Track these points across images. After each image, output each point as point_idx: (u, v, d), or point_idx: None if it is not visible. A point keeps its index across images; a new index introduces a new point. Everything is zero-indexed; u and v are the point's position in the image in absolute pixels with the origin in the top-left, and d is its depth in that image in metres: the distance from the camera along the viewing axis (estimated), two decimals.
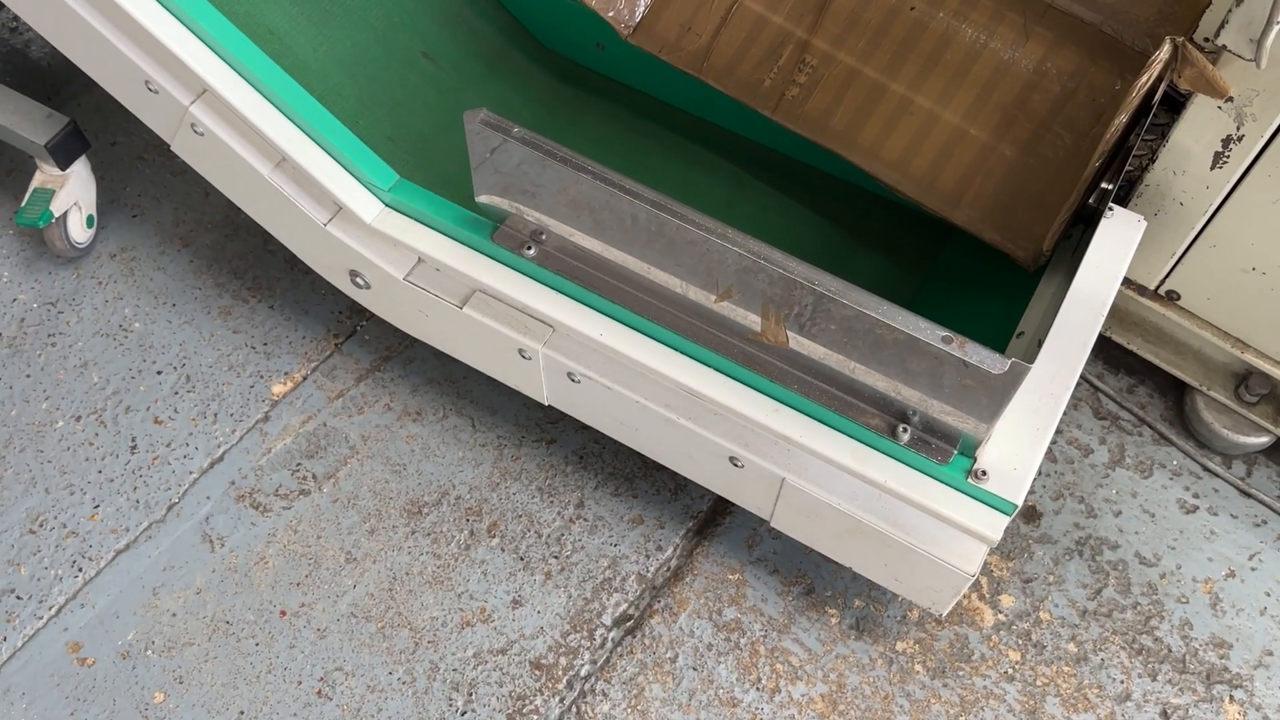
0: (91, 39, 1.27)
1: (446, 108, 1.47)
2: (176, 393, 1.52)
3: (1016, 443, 1.09)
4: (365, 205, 1.28)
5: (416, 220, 1.27)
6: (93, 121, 1.73)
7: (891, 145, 1.28)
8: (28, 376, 1.52)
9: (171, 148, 1.33)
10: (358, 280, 1.36)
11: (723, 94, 1.35)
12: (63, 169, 1.52)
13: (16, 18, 1.77)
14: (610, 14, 1.36)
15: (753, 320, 1.08)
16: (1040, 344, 1.11)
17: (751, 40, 1.34)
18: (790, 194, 1.45)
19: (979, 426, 1.02)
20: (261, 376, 1.54)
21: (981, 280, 1.32)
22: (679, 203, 1.05)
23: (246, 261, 1.64)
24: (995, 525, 1.06)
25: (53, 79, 1.79)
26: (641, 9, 1.38)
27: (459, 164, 1.44)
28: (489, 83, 1.52)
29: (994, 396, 0.97)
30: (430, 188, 1.26)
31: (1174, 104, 1.24)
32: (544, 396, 1.33)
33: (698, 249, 1.05)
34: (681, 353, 1.17)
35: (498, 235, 1.21)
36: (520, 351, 1.27)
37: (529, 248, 1.20)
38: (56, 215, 1.53)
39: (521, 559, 1.40)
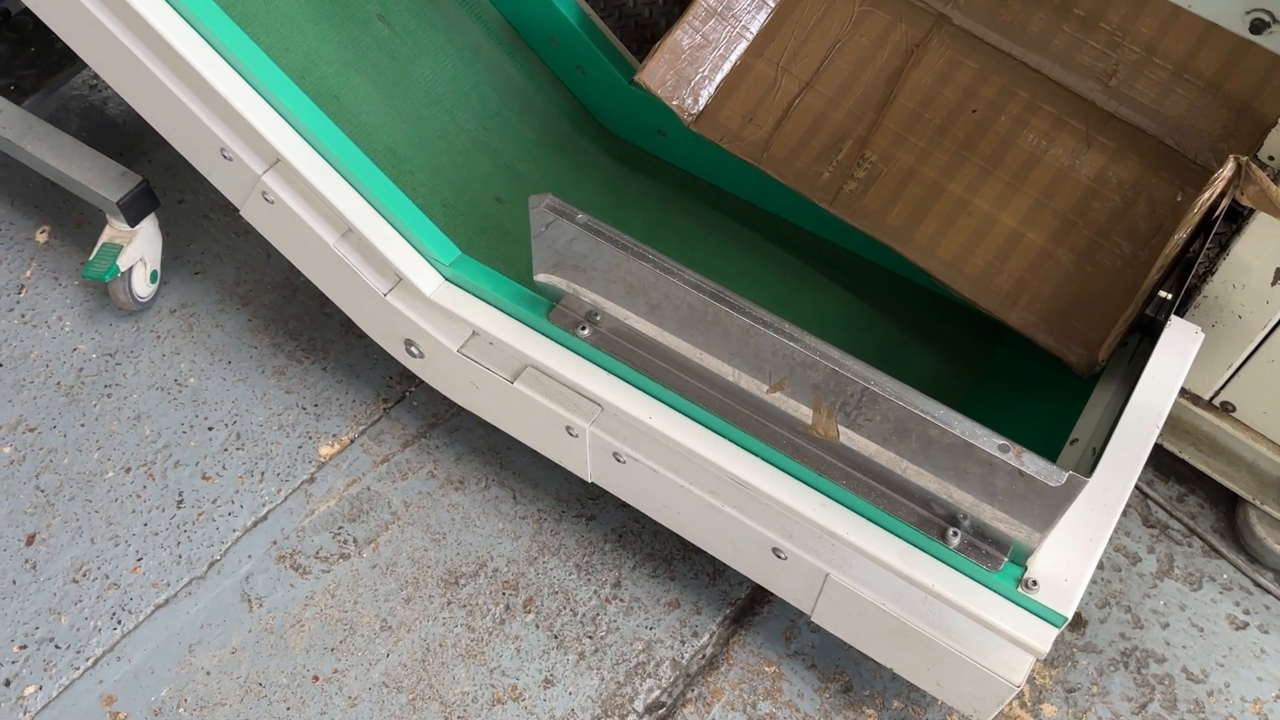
0: (170, 104, 1.31)
1: (507, 182, 1.50)
2: (226, 450, 1.53)
3: (1068, 552, 1.07)
4: (426, 278, 1.30)
5: (474, 295, 1.29)
6: (162, 179, 1.78)
7: (948, 244, 1.28)
8: (82, 426, 1.55)
9: (241, 213, 1.37)
10: (412, 349, 1.37)
11: (781, 184, 1.37)
12: (132, 225, 1.56)
13: (97, 76, 1.83)
14: (674, 102, 1.39)
15: (804, 413, 1.08)
16: (1095, 453, 1.10)
17: (812, 134, 1.36)
18: (845, 286, 1.46)
19: (1032, 536, 1.01)
20: (310, 437, 1.56)
21: (1034, 382, 1.32)
22: (735, 294, 1.06)
23: (303, 323, 1.66)
24: (1044, 637, 1.04)
25: (127, 135, 1.85)
26: (705, 98, 1.40)
27: (514, 236, 1.47)
28: (552, 161, 1.55)
29: (1049, 507, 0.96)
30: (487, 259, 1.28)
31: (1235, 215, 1.24)
32: (588, 474, 1.33)
33: (752, 339, 1.06)
34: (730, 440, 1.17)
35: (553, 314, 1.23)
36: (568, 429, 1.27)
37: (583, 328, 1.21)
38: (122, 270, 1.57)
39: (555, 637, 1.39)
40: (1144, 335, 1.23)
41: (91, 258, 1.56)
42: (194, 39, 1.26)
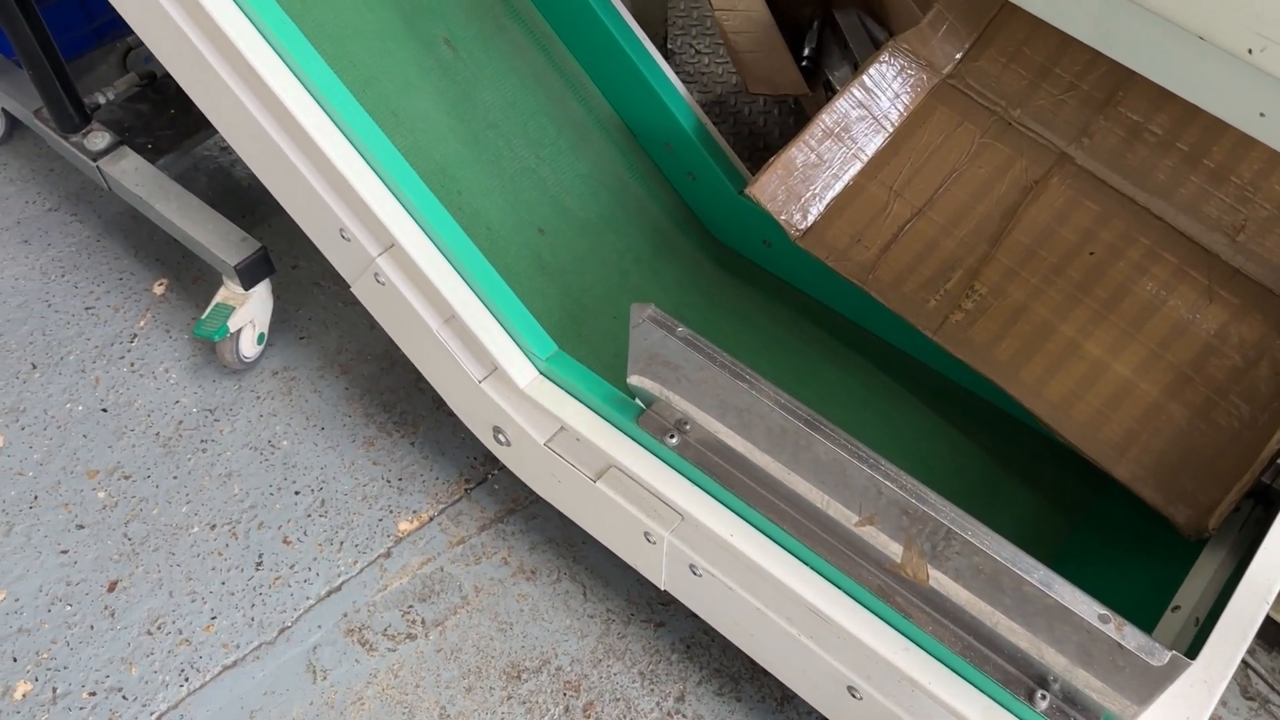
0: (296, 182, 1.36)
1: (552, 214, 1.51)
2: (309, 515, 1.55)
3: None
4: (521, 370, 1.31)
5: (566, 391, 1.30)
6: (278, 243, 1.84)
7: (1055, 386, 1.25)
8: (175, 478, 1.58)
9: (352, 289, 1.40)
10: (500, 437, 1.38)
11: (885, 307, 1.35)
12: (246, 289, 1.61)
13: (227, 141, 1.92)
14: (782, 216, 1.39)
15: (894, 550, 1.05)
16: (1198, 622, 1.04)
17: (921, 260, 1.35)
18: (944, 414, 1.42)
19: (1127, 709, 0.96)
20: (391, 511, 1.57)
21: (1137, 538, 1.26)
22: (831, 423, 1.04)
23: (396, 396, 1.69)
24: None
25: (250, 199, 1.92)
26: (814, 215, 1.40)
27: (551, 269, 1.48)
28: (654, 261, 1.56)
29: (1148, 684, 0.91)
30: (523, 289, 1.26)
31: None
32: (662, 581, 1.31)
33: (846, 469, 1.03)
34: (812, 569, 1.14)
35: (643, 419, 1.22)
36: (646, 534, 1.26)
37: (672, 436, 1.20)
38: (231, 330, 1.62)
39: None
40: (1258, 502, 1.17)
41: (204, 316, 1.62)
42: (320, 116, 1.31)
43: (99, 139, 1.68)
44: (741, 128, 1.83)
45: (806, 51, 1.85)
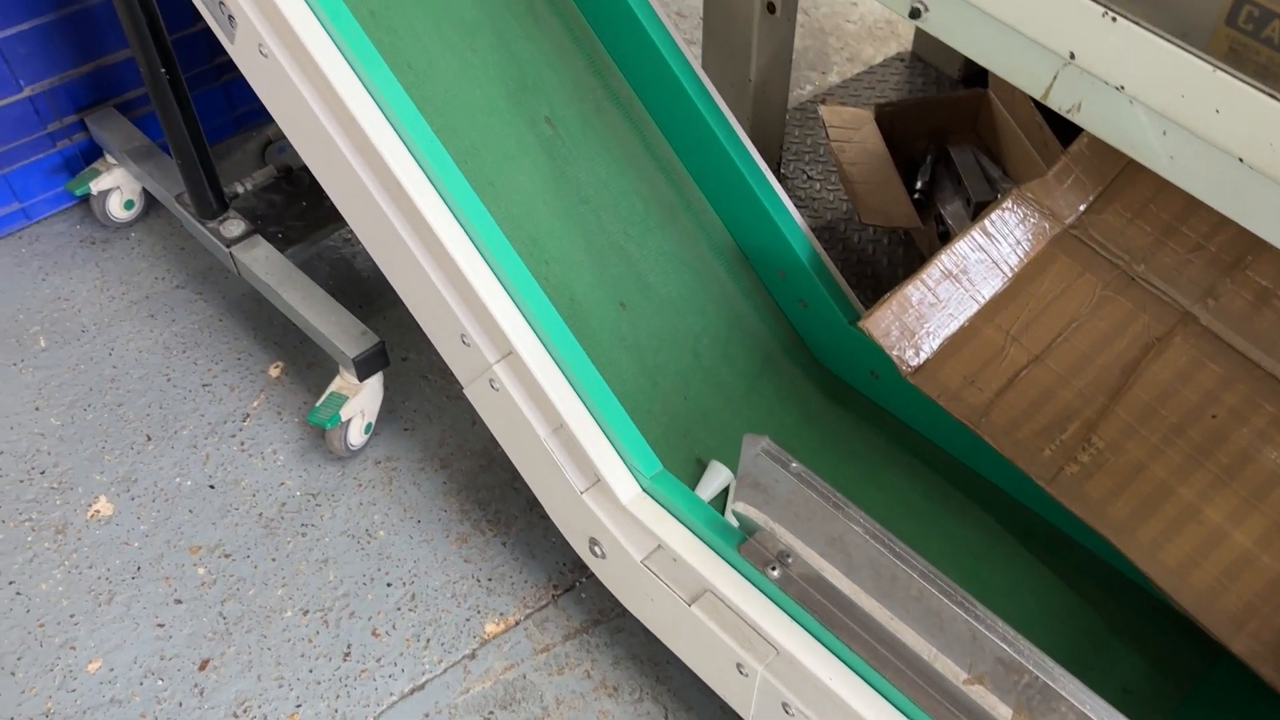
0: (424, 286, 1.40)
1: (636, 289, 1.53)
2: (399, 609, 1.57)
3: None
4: (624, 486, 1.32)
5: (668, 510, 1.30)
6: (391, 335, 1.90)
7: (1172, 550, 1.21)
8: (273, 560, 1.61)
9: (464, 390, 1.44)
10: (595, 549, 1.38)
11: (998, 452, 1.34)
12: (361, 380, 1.66)
13: (352, 232, 1.99)
14: (895, 352, 1.40)
15: (1002, 713, 1.02)
16: None
17: (1037, 407, 1.34)
18: (1052, 565, 1.39)
19: None
20: (479, 611, 1.57)
21: (1253, 714, 1.21)
22: (943, 574, 1.02)
23: (493, 494, 1.71)
24: None
25: (368, 289, 1.99)
26: (926, 353, 1.40)
27: (630, 343, 1.50)
28: (759, 382, 1.57)
29: None
30: (599, 360, 1.27)
31: None
32: (750, 715, 1.28)
33: (957, 624, 1.01)
34: None
35: (745, 547, 1.22)
36: (738, 666, 1.24)
37: (774, 568, 1.19)
38: (343, 420, 1.66)
39: None
40: None
41: (318, 404, 1.66)
42: (452, 224, 1.36)
43: (234, 226, 1.77)
44: (850, 254, 1.85)
45: (919, 184, 1.87)
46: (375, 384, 1.71)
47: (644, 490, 1.33)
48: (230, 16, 1.35)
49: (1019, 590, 1.37)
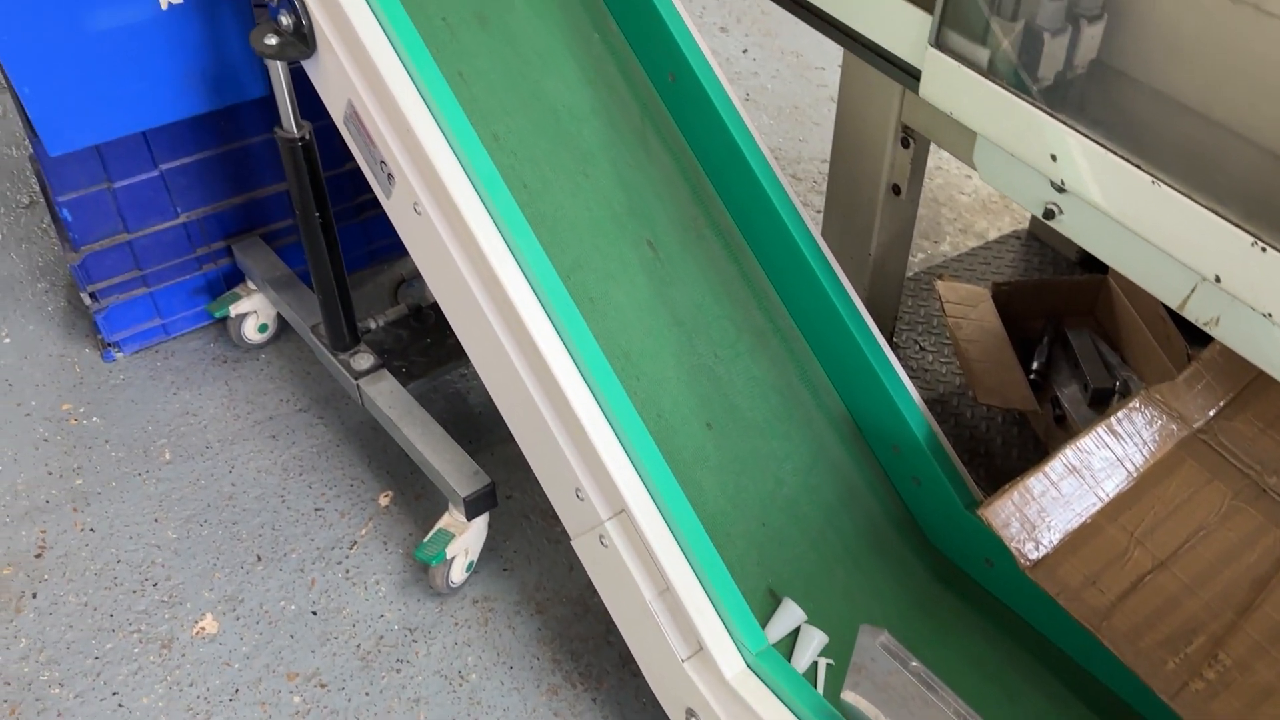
0: (544, 438, 1.43)
1: (722, 411, 1.55)
2: None
3: None
4: (728, 659, 1.30)
5: (773, 691, 1.28)
6: (498, 471, 1.93)
7: None
8: (366, 694, 1.62)
9: (572, 542, 1.45)
10: (692, 719, 1.36)
11: (1118, 658, 1.29)
12: (469, 519, 1.69)
13: (468, 368, 2.06)
14: (1014, 544, 1.37)
15: None
16: None
17: (1161, 616, 1.29)
18: None
19: None
20: None
21: None
22: None
23: (586, 645, 1.70)
24: None
25: (479, 426, 2.04)
26: (1046, 548, 1.37)
27: (713, 464, 1.51)
28: (868, 559, 1.55)
29: None
30: (681, 478, 1.28)
31: None
32: None
33: None
34: None
35: None
36: None
37: None
38: (448, 557, 1.68)
39: None
40: None
41: (425, 540, 1.69)
42: (579, 381, 1.39)
43: (364, 360, 1.84)
44: (962, 431, 1.84)
45: (1035, 365, 1.86)
46: (481, 523, 1.74)
47: (748, 666, 1.31)
48: (390, 175, 1.44)
49: None
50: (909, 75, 1.37)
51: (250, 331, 2.12)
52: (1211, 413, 1.39)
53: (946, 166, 2.68)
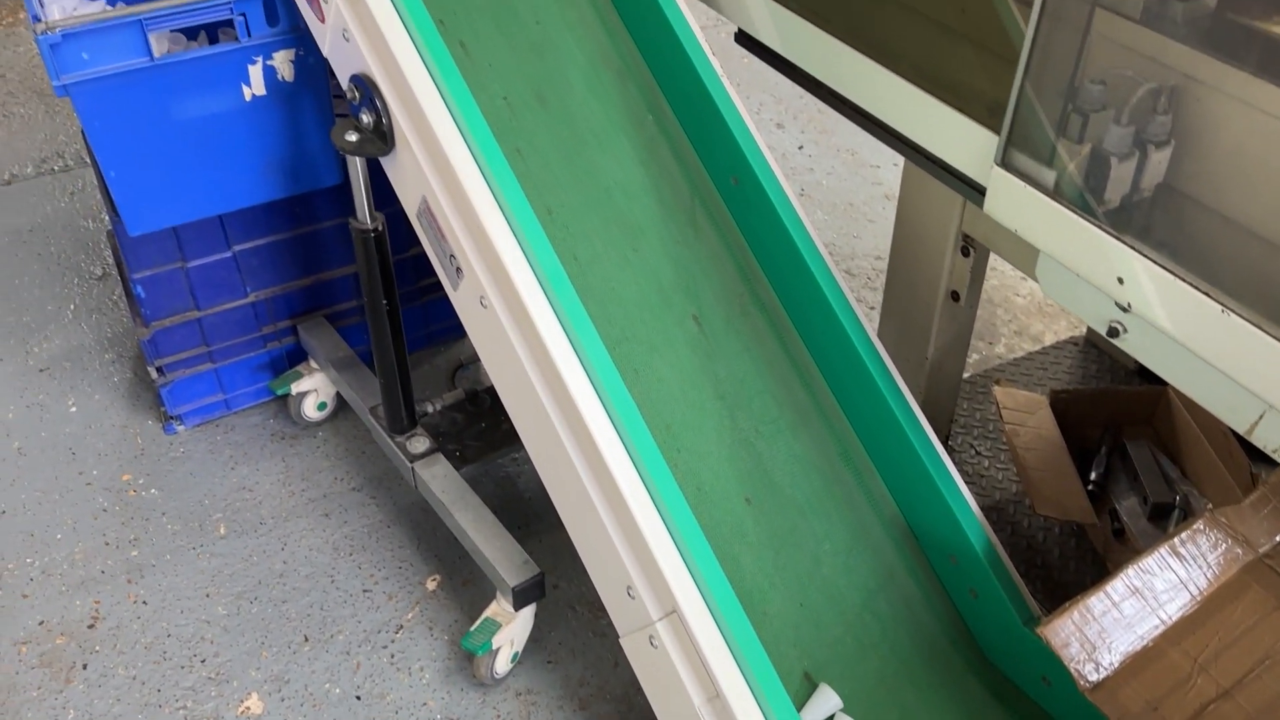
0: (596, 531, 1.44)
1: (761, 486, 1.54)
2: None
3: None
4: None
5: None
6: (546, 559, 1.93)
7: None
8: None
9: (621, 640, 1.44)
10: None
11: None
12: (516, 610, 1.69)
13: (521, 454, 2.07)
14: (1073, 665, 1.34)
15: None
16: None
17: None
18: None
19: None
20: None
21: None
22: None
23: None
24: None
25: (528, 512, 2.04)
26: (1106, 670, 1.34)
27: (751, 540, 1.50)
28: (919, 674, 1.53)
29: None
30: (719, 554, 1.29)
31: None
32: None
33: None
34: None
35: None
36: None
37: None
38: (494, 648, 1.68)
39: None
40: None
41: (472, 629, 1.69)
42: (624, 458, 1.40)
43: (419, 443, 1.86)
44: (1019, 540, 1.81)
45: (1093, 476, 1.83)
46: (528, 613, 1.74)
47: None
48: (458, 269, 1.48)
49: None
50: (972, 189, 1.39)
51: (309, 409, 2.15)
52: (1278, 538, 1.36)
53: (1002, 267, 2.68)
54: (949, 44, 1.45)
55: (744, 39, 1.78)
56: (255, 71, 1.73)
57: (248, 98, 1.75)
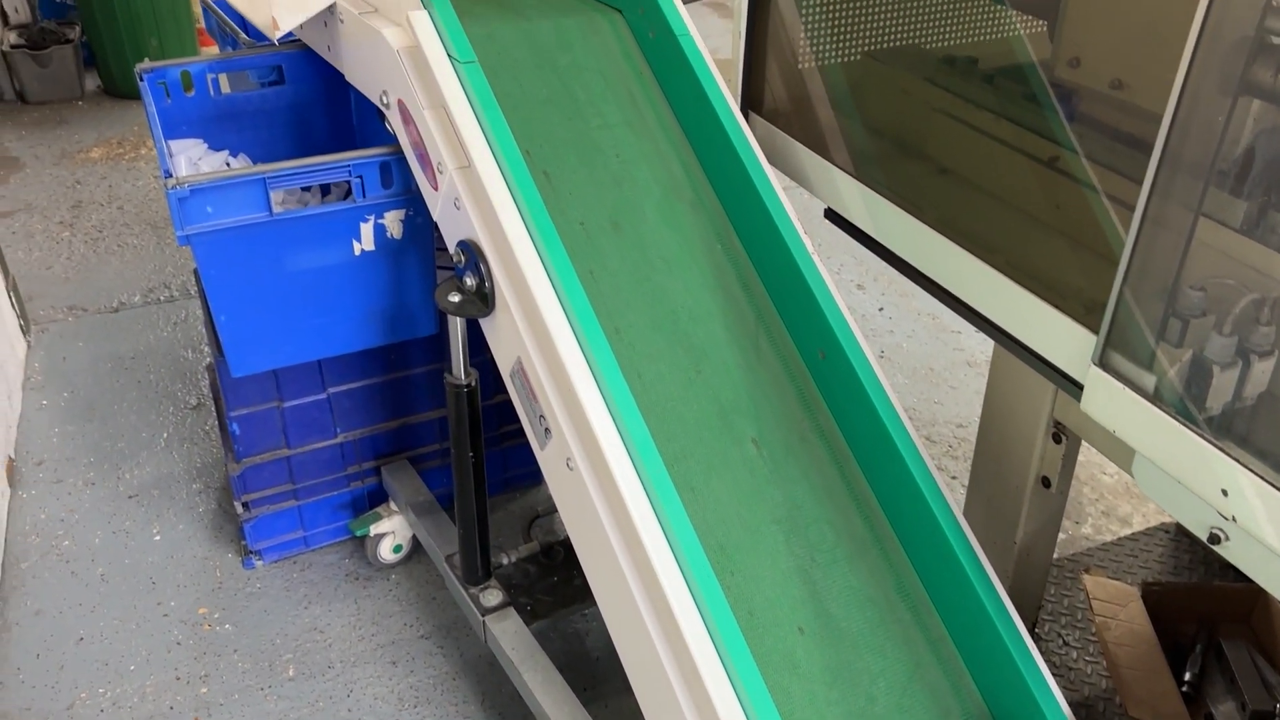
0: (665, 696, 1.40)
1: (814, 617, 1.48)
2: None
3: None
4: None
5: None
6: None
7: None
8: None
9: None
10: None
11: None
12: None
13: (591, 611, 2.05)
14: None
15: None
16: None
17: None
18: None
19: None
20: None
21: None
22: None
23: None
24: None
25: (594, 671, 2.01)
26: None
27: (803, 670, 1.43)
28: (904, 695, 1.45)
29: None
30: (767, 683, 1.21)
31: None
32: None
33: None
34: None
35: None
36: None
37: None
38: None
39: None
40: None
41: None
42: (711, 653, 1.37)
43: (492, 596, 1.86)
44: None
45: (1188, 675, 1.75)
46: None
47: None
48: (547, 429, 1.50)
49: None
50: (1069, 382, 1.38)
51: (385, 551, 2.17)
52: None
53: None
54: (1043, 239, 1.47)
55: (833, 216, 1.82)
56: (366, 229, 1.81)
57: (357, 252, 1.84)
